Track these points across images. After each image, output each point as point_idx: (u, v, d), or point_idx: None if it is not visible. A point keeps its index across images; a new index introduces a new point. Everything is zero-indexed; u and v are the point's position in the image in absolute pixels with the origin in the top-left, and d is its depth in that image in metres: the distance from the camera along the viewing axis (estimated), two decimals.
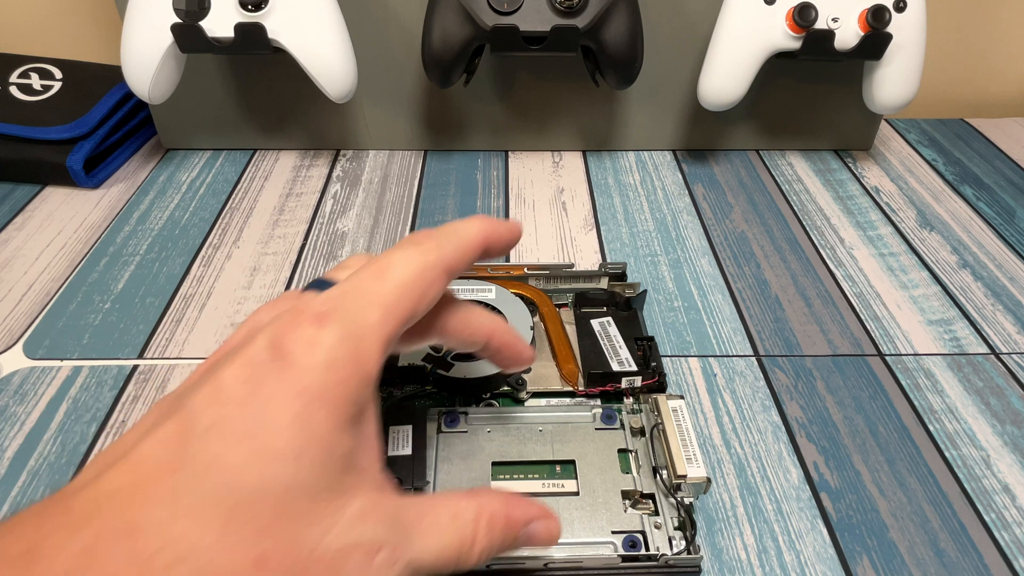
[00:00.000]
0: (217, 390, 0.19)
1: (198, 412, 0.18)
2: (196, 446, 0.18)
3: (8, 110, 0.53)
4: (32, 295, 0.43)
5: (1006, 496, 0.33)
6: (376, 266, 0.22)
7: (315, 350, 0.19)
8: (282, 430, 0.18)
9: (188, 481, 0.17)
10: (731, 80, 0.51)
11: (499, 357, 0.28)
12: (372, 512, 0.20)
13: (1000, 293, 0.45)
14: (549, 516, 0.24)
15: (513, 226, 0.27)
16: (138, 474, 0.17)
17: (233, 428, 0.18)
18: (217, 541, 0.17)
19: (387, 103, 0.57)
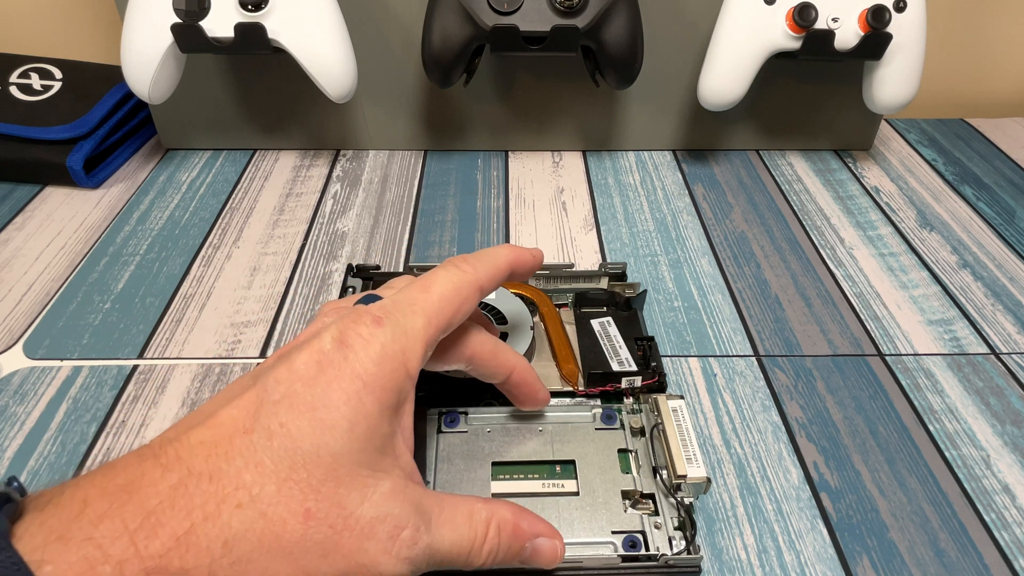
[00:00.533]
0: (289, 370, 0.22)
1: (271, 387, 0.22)
2: (267, 413, 0.21)
3: (8, 110, 0.53)
4: (32, 295, 0.43)
5: (1006, 496, 0.33)
6: (422, 282, 0.26)
7: (371, 345, 0.23)
8: (338, 407, 0.22)
9: (259, 441, 0.21)
10: (731, 80, 0.51)
11: (517, 393, 0.31)
12: (402, 493, 0.22)
13: (1000, 293, 0.45)
14: (555, 535, 0.26)
15: (537, 253, 0.31)
16: (219, 432, 0.21)
17: (299, 401, 0.21)
18: (276, 492, 0.20)
19: (387, 103, 0.57)
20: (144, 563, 0.18)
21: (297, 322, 0.41)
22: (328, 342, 0.23)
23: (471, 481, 0.31)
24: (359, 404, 0.22)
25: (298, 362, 0.22)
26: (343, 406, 0.22)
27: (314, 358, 0.22)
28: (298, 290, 0.44)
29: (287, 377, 0.22)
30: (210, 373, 0.38)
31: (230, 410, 0.21)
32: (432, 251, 0.47)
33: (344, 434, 0.21)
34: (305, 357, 0.22)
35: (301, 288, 0.44)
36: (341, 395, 0.22)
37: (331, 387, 0.22)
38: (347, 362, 0.22)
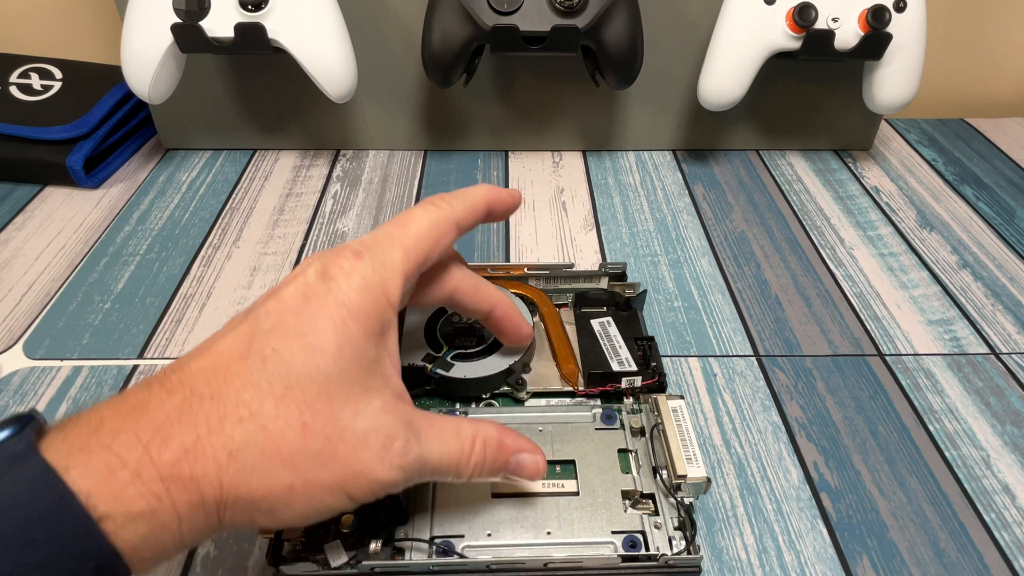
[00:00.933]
0: (278, 301, 0.24)
1: (263, 318, 0.23)
2: (261, 340, 0.23)
3: (8, 110, 0.53)
4: (32, 295, 0.43)
5: (1006, 496, 0.33)
6: (400, 219, 0.27)
7: (352, 276, 0.24)
8: (325, 332, 0.23)
9: (254, 364, 0.22)
10: (731, 80, 0.51)
11: (500, 328, 0.33)
12: (392, 410, 0.24)
13: (1000, 293, 0.45)
14: (536, 451, 0.28)
15: (514, 192, 0.32)
16: (218, 360, 0.23)
17: (288, 329, 0.23)
18: (274, 408, 0.22)
19: (387, 103, 0.57)
20: (159, 470, 0.20)
21: None
22: (312, 275, 0.24)
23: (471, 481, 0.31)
24: (344, 329, 0.23)
25: (285, 294, 0.24)
26: (330, 331, 0.23)
27: (300, 290, 0.24)
28: None
29: (276, 308, 0.24)
30: None
31: (226, 341, 0.23)
32: None
33: (333, 356, 0.23)
34: (292, 290, 0.24)
35: None
36: (327, 321, 0.23)
37: (317, 315, 0.23)
38: (331, 292, 0.24)
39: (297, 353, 0.23)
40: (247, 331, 0.23)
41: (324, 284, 0.24)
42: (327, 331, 0.23)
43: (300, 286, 0.24)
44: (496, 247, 0.48)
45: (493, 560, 0.28)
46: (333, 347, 0.23)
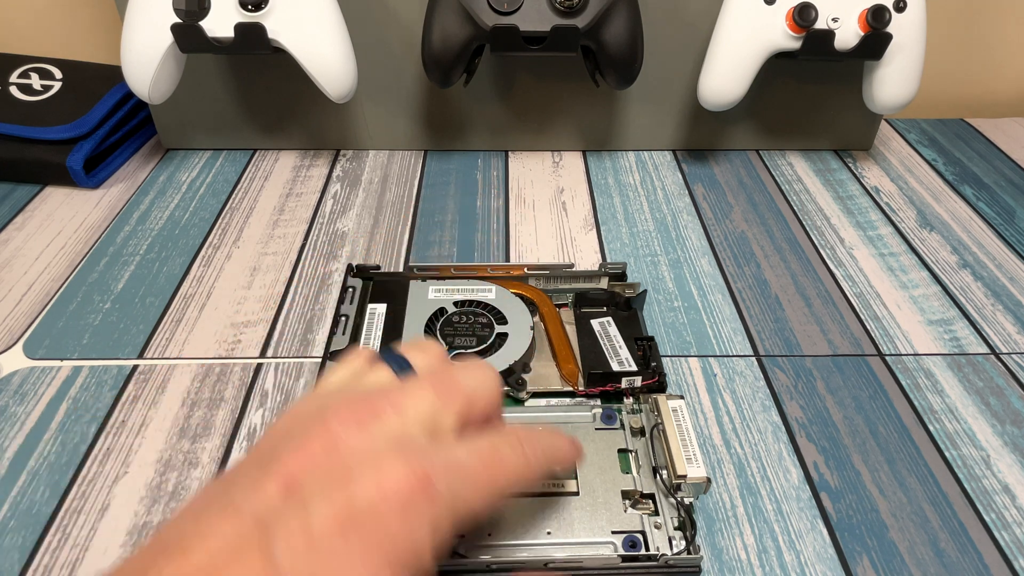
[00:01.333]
0: (306, 534, 0.18)
1: (281, 558, 0.18)
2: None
3: (8, 110, 0.53)
4: (32, 295, 0.43)
5: (1006, 496, 0.33)
6: (491, 455, 0.23)
7: (413, 523, 0.19)
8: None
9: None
10: (731, 80, 0.51)
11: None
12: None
13: (1000, 293, 0.45)
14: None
15: (579, 449, 0.28)
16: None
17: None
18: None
19: (387, 103, 0.57)
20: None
21: (297, 322, 0.41)
22: (362, 499, 0.19)
23: None
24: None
25: (318, 519, 0.19)
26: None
27: (339, 518, 0.19)
28: (298, 290, 0.44)
29: (302, 545, 0.18)
30: (210, 373, 0.38)
31: (213, 553, 0.18)
32: (432, 251, 0.47)
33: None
34: (327, 511, 0.19)
35: (301, 288, 0.44)
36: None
37: (353, 566, 0.18)
38: (377, 536, 0.19)
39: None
40: (256, 558, 0.18)
41: (375, 521, 0.19)
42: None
43: (341, 511, 0.19)
44: (496, 247, 0.48)
45: (493, 560, 0.28)
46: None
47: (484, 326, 0.37)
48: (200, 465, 0.33)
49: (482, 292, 0.39)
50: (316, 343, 0.40)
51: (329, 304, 0.43)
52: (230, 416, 0.36)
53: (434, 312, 0.38)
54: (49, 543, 0.30)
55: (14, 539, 0.30)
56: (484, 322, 0.37)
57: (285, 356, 0.39)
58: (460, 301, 0.39)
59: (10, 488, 0.32)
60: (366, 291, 0.41)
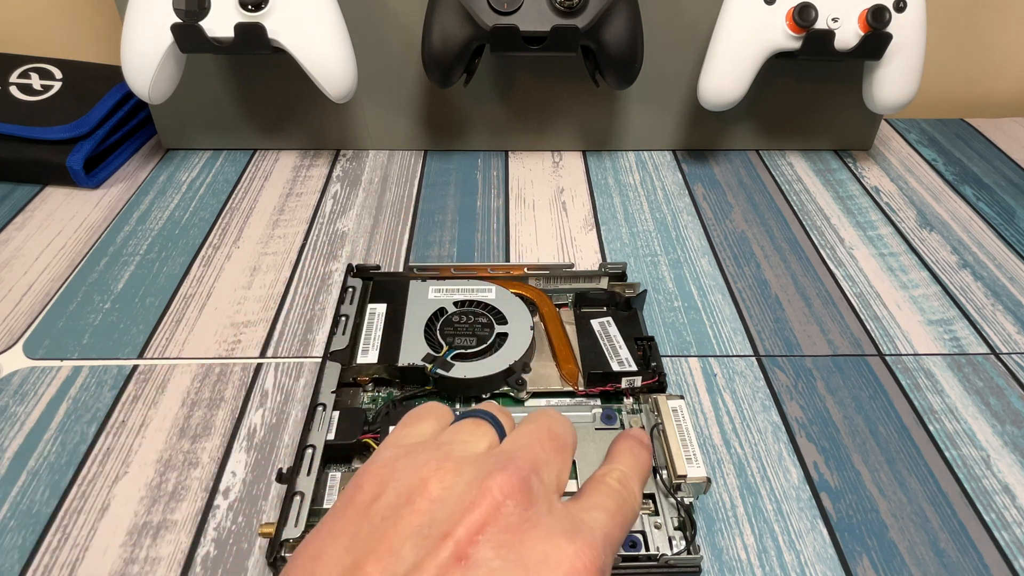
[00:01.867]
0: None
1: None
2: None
3: (8, 110, 0.53)
4: (32, 295, 0.43)
5: (1006, 496, 0.33)
6: (622, 515, 0.22)
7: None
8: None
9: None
10: (731, 80, 0.51)
11: None
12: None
13: (1000, 293, 0.45)
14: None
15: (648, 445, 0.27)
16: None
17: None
18: None
19: (387, 103, 0.57)
20: None
21: (297, 322, 0.41)
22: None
23: None
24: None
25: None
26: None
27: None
28: (298, 290, 0.44)
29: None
30: (210, 373, 0.38)
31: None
32: (432, 251, 0.47)
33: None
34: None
35: (301, 288, 0.44)
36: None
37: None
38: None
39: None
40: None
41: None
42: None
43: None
44: (496, 247, 0.48)
45: None
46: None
47: (484, 326, 0.37)
48: (200, 465, 0.33)
49: (482, 292, 0.39)
50: (316, 343, 0.40)
51: (329, 304, 0.43)
52: (230, 416, 0.36)
53: (434, 312, 0.38)
54: (49, 543, 0.30)
55: (14, 539, 0.30)
56: (484, 322, 0.37)
57: (285, 356, 0.39)
58: (460, 301, 0.39)
59: (10, 488, 0.32)
60: (366, 291, 0.41)
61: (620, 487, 0.23)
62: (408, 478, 0.21)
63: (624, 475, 0.24)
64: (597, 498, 0.23)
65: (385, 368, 0.35)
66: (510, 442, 0.22)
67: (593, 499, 0.23)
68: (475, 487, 0.20)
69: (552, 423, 0.24)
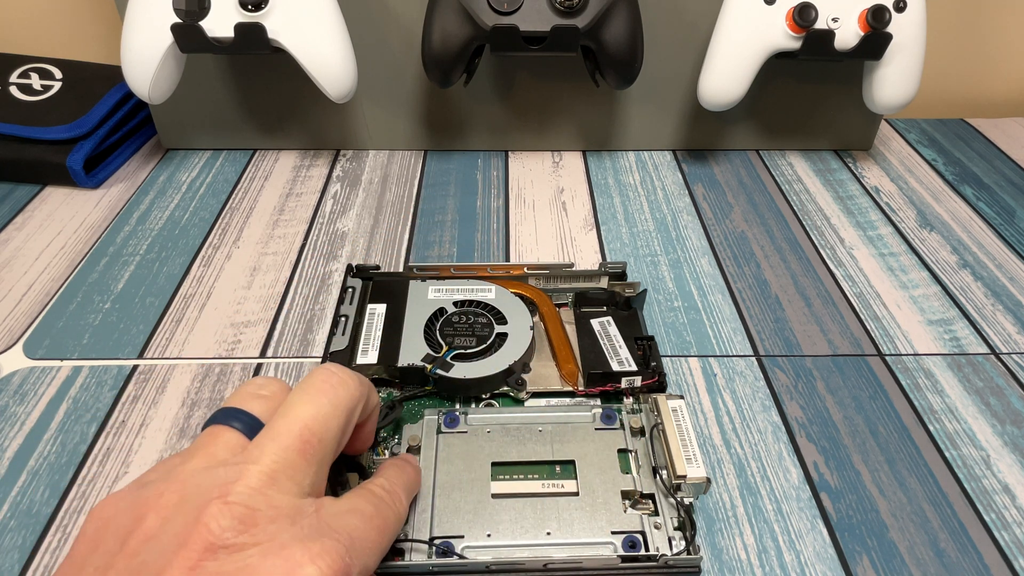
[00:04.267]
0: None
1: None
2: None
3: (8, 110, 0.53)
4: (32, 295, 0.43)
5: (1006, 496, 0.33)
6: (375, 516, 0.23)
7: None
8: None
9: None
10: (731, 80, 0.51)
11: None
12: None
13: (1000, 293, 0.45)
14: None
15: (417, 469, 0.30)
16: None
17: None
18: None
19: (387, 103, 0.57)
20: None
21: (297, 322, 0.41)
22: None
23: (471, 481, 0.31)
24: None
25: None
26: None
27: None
28: (298, 290, 0.44)
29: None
30: (210, 373, 0.38)
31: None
32: (432, 251, 0.47)
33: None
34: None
35: (301, 288, 0.44)
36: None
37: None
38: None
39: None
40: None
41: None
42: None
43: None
44: (496, 247, 0.48)
45: (493, 560, 0.28)
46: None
47: (484, 326, 0.37)
48: None
49: (482, 292, 0.40)
50: (316, 343, 0.40)
51: (329, 304, 0.43)
52: None
53: (434, 312, 0.38)
54: (49, 543, 0.30)
55: (14, 539, 0.30)
56: (484, 322, 0.37)
57: (285, 356, 0.39)
58: (460, 301, 0.39)
59: (10, 488, 0.32)
60: (366, 291, 0.41)
61: (382, 492, 0.24)
62: (126, 516, 0.20)
63: (386, 483, 0.25)
64: (353, 501, 0.23)
65: (385, 368, 0.35)
66: (255, 445, 0.21)
67: (348, 502, 0.23)
68: (191, 519, 0.19)
69: (308, 418, 0.22)
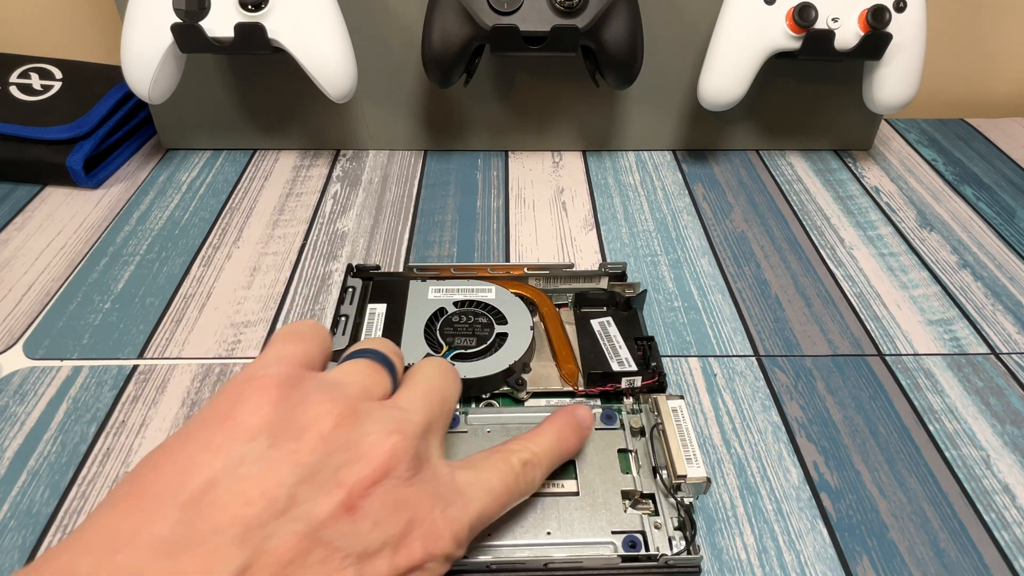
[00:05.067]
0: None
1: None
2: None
3: (8, 110, 0.53)
4: (32, 295, 0.43)
5: (1006, 496, 0.33)
6: (512, 479, 0.24)
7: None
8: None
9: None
10: (731, 80, 0.51)
11: None
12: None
13: (1000, 293, 0.45)
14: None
15: (586, 422, 0.30)
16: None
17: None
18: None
19: (387, 103, 0.57)
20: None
21: None
22: (405, 558, 0.20)
23: None
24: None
25: (375, 568, 0.19)
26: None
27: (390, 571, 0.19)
28: (298, 290, 0.44)
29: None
30: (210, 373, 0.38)
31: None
32: (432, 251, 0.47)
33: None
34: (384, 566, 0.19)
35: (301, 288, 0.44)
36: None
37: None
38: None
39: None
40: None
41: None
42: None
43: (402, 558, 0.19)
44: (496, 247, 0.48)
45: (493, 560, 0.28)
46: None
47: (484, 326, 0.37)
48: None
49: (482, 292, 0.40)
50: None
51: (329, 304, 0.43)
52: None
53: (434, 312, 0.38)
54: (49, 543, 0.30)
55: (14, 539, 0.30)
56: (484, 322, 0.37)
57: None
58: (460, 301, 0.39)
59: (10, 488, 0.32)
60: (366, 291, 0.41)
61: (520, 470, 0.24)
62: (299, 410, 0.20)
63: (532, 458, 0.25)
64: (487, 474, 0.23)
65: None
66: (406, 399, 0.22)
67: (483, 474, 0.23)
68: (373, 441, 0.20)
69: (444, 385, 0.24)
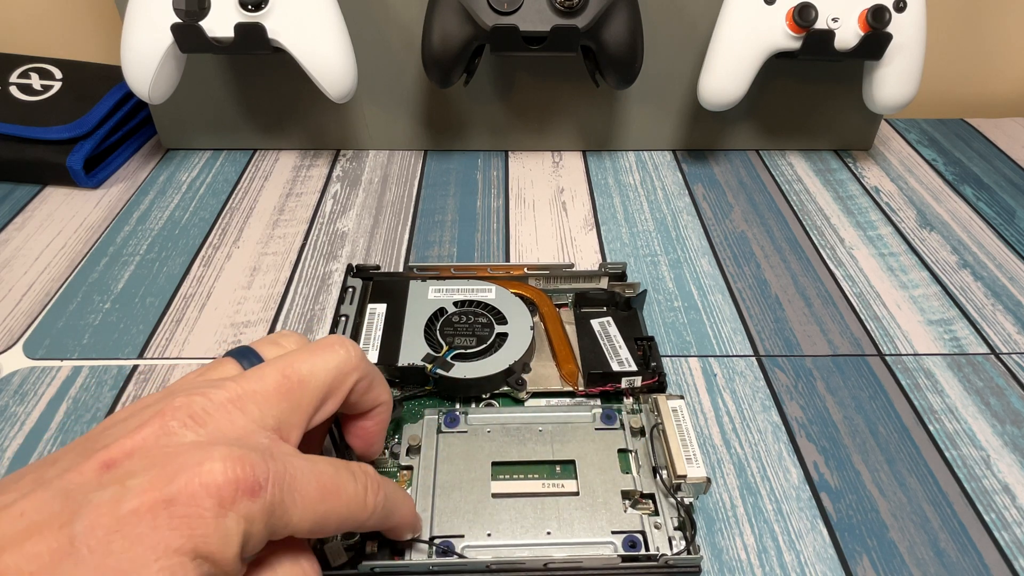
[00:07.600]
0: (114, 514, 0.18)
1: (81, 534, 0.18)
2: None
3: (8, 110, 0.53)
4: (32, 295, 0.43)
5: (1006, 496, 0.33)
6: (331, 479, 0.22)
7: (220, 519, 0.19)
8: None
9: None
10: (731, 80, 0.51)
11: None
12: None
13: (1000, 293, 0.45)
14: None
15: (419, 525, 0.28)
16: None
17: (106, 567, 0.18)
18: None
19: (387, 103, 0.57)
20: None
21: (297, 322, 0.41)
22: (180, 485, 0.19)
23: (471, 481, 0.31)
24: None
25: (130, 500, 0.19)
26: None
27: (151, 502, 0.18)
28: (298, 290, 0.44)
29: (107, 523, 0.18)
30: None
31: (10, 522, 0.18)
32: (432, 251, 0.47)
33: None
34: (140, 494, 0.19)
35: (301, 288, 0.44)
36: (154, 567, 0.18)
37: (154, 549, 0.18)
38: (186, 525, 0.19)
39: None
40: (51, 552, 0.18)
41: (186, 508, 0.19)
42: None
43: (160, 485, 0.19)
44: (496, 247, 0.48)
45: (493, 560, 0.28)
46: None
47: (484, 326, 0.37)
48: None
49: (482, 292, 0.40)
50: None
51: (329, 304, 0.43)
52: None
53: (434, 312, 0.38)
54: None
55: None
56: (484, 322, 0.37)
57: None
58: (460, 301, 0.39)
59: None
60: (366, 291, 0.41)
61: (357, 469, 0.24)
62: (115, 419, 0.22)
63: (374, 473, 0.24)
64: (319, 458, 0.23)
65: (385, 368, 0.35)
66: (242, 375, 0.23)
67: (312, 457, 0.22)
68: (155, 414, 0.21)
69: (297, 361, 0.23)
